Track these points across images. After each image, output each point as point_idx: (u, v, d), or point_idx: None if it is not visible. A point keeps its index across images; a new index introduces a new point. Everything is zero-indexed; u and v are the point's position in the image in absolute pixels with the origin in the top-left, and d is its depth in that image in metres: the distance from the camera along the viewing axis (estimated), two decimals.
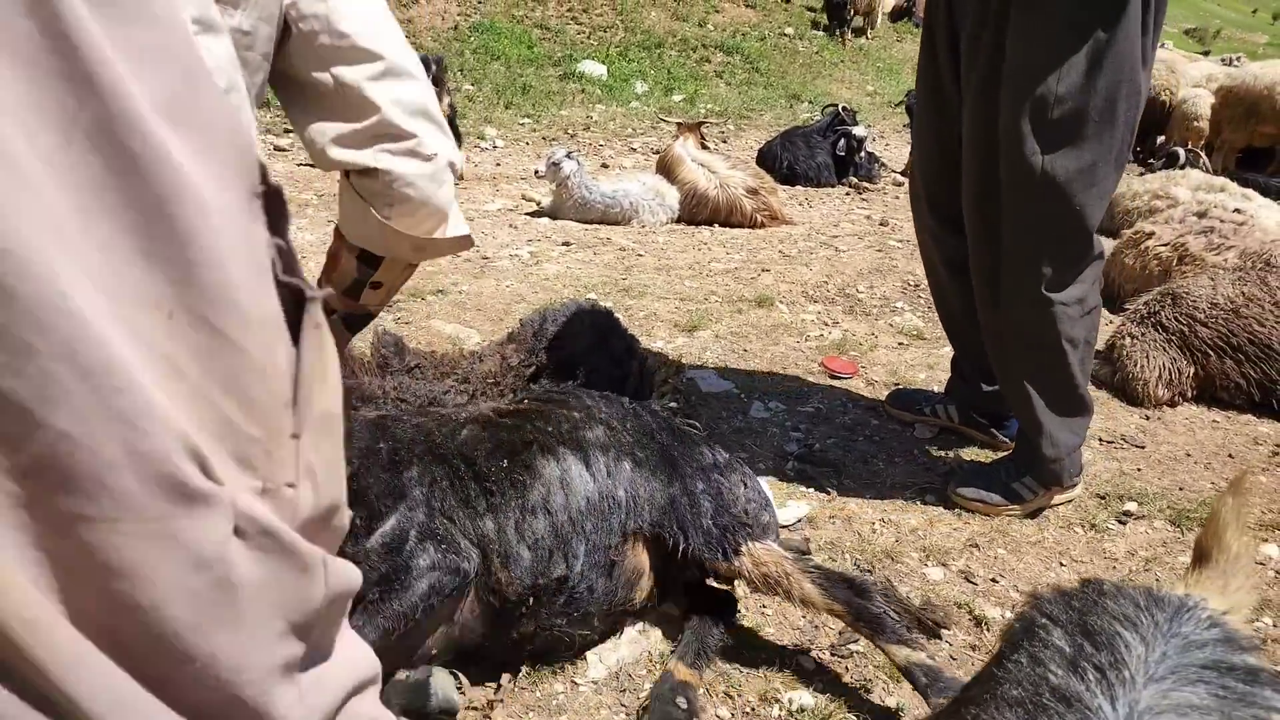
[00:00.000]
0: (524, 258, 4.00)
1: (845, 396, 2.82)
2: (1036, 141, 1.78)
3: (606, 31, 10.51)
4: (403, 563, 1.37)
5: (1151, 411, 2.78)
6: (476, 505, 1.48)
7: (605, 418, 1.69)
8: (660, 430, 1.74)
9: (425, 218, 1.07)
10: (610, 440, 1.64)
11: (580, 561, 1.51)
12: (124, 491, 0.43)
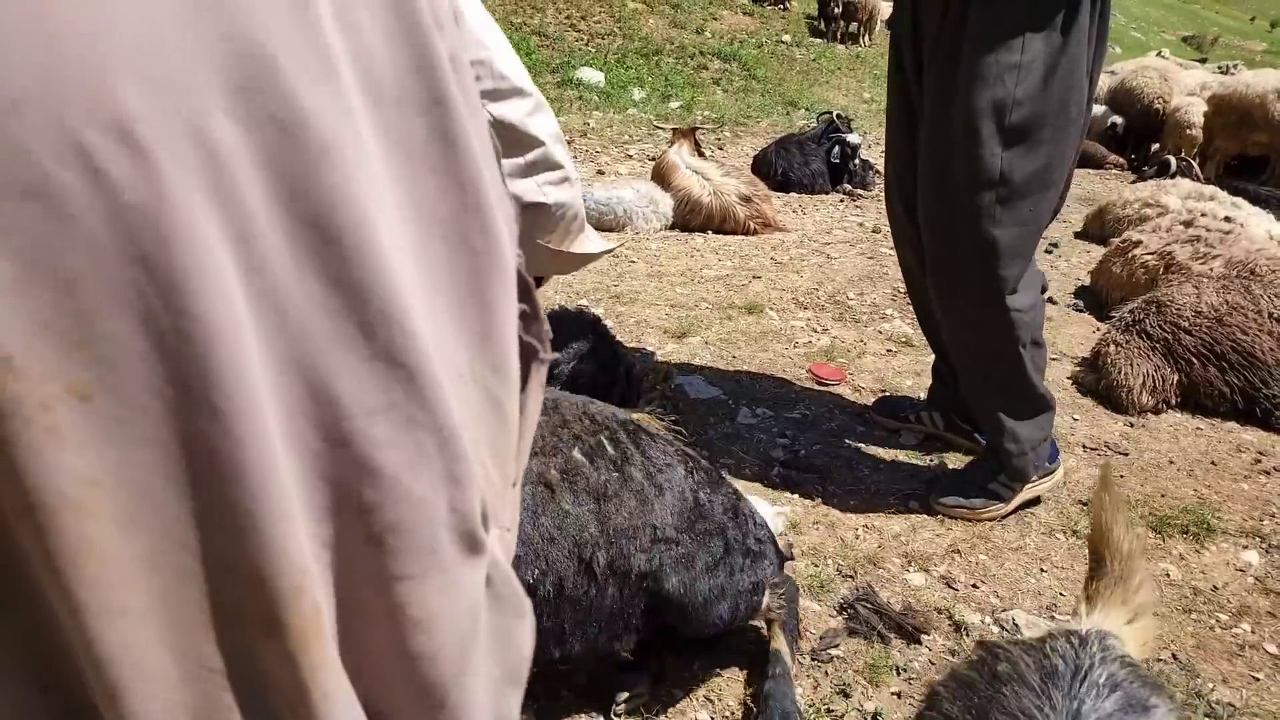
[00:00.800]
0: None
1: (832, 403, 2.84)
2: (996, 143, 1.81)
3: (605, 39, 10.56)
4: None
5: (1136, 418, 2.80)
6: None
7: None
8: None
9: (575, 234, 1.16)
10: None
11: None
12: (441, 548, 0.46)
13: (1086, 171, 7.56)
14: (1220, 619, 1.92)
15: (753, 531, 1.58)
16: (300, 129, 0.39)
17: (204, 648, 0.40)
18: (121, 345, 0.35)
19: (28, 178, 0.31)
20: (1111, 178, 7.52)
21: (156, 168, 0.34)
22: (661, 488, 1.45)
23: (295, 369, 0.40)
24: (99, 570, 0.36)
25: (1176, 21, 36.67)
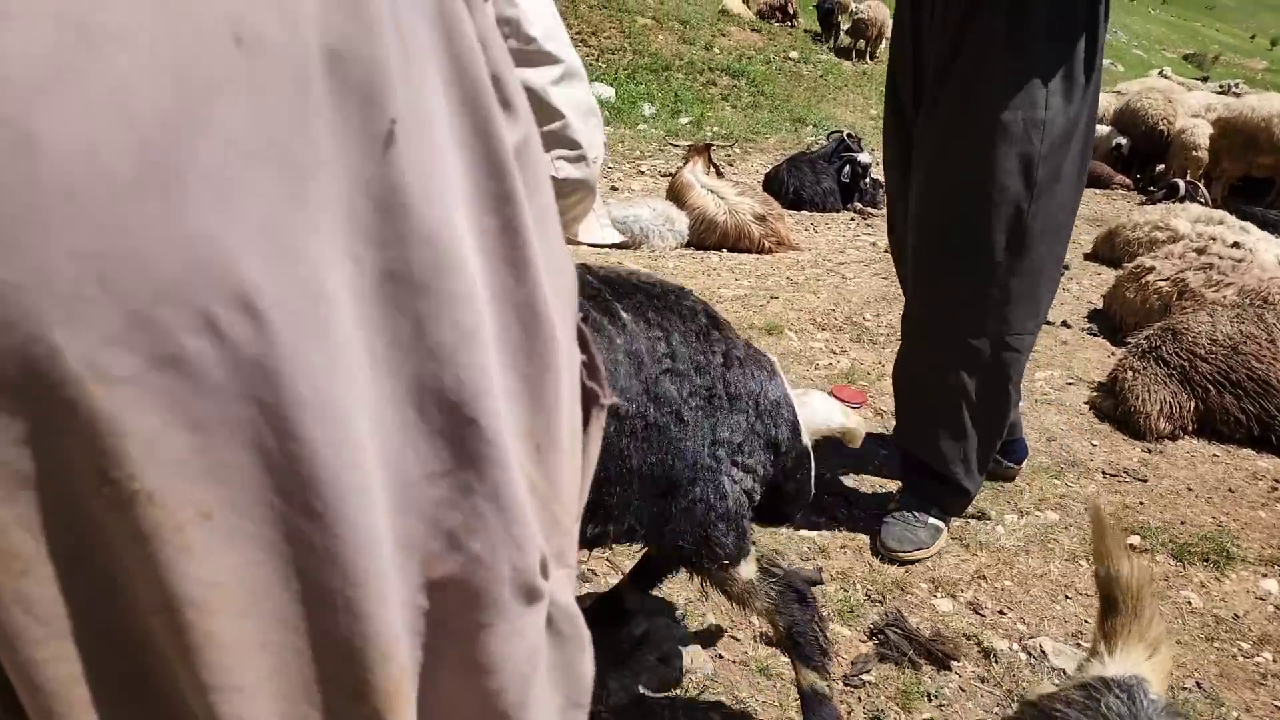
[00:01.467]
0: None
1: None
2: (1025, 199, 1.84)
3: (615, 54, 10.65)
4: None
5: (1153, 445, 2.84)
6: None
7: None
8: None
9: (581, 218, 1.12)
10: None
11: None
12: (504, 601, 0.52)
13: (1094, 192, 7.63)
14: (1242, 647, 1.96)
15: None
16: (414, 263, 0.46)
17: (308, 712, 0.47)
18: (238, 469, 0.42)
19: (167, 349, 0.39)
20: (1119, 198, 7.59)
21: (269, 325, 0.41)
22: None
23: (389, 468, 0.47)
24: (219, 656, 0.43)
25: (1178, 39, 36.89)
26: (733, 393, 1.41)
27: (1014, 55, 1.77)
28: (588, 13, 11.19)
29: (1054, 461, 2.72)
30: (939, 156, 1.91)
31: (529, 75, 0.97)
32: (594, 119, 1.07)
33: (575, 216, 1.14)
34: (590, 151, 1.06)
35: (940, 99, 1.87)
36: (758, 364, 1.48)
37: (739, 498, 1.43)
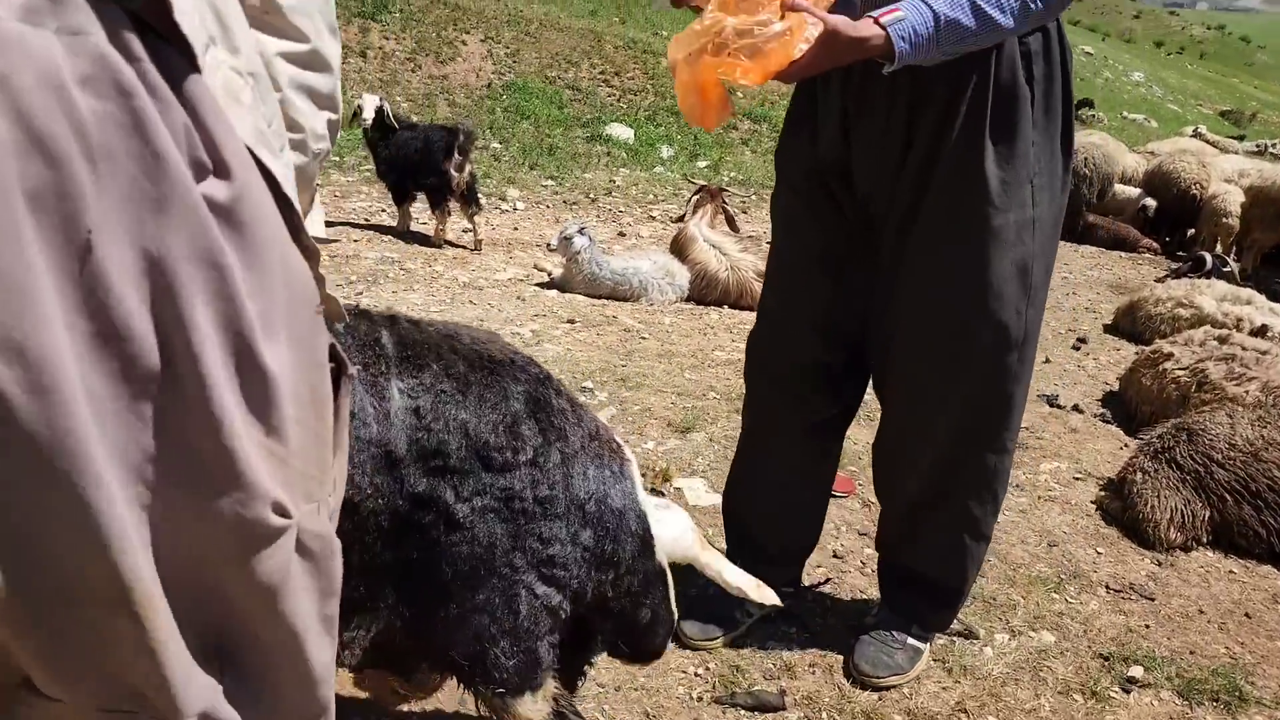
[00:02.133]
0: (525, 336, 3.93)
1: (839, 519, 2.69)
2: (1023, 303, 1.73)
3: (636, 95, 10.61)
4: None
5: (1164, 556, 2.62)
6: None
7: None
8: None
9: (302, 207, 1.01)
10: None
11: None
12: (247, 536, 0.69)
13: (1119, 255, 7.41)
14: None
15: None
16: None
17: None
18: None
19: None
20: (1144, 262, 7.36)
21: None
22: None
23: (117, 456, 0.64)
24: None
25: (1215, 95, 36.60)
26: (544, 495, 1.22)
27: (1001, 157, 1.63)
28: (612, 53, 11.19)
29: (1054, 570, 2.51)
30: (925, 267, 1.74)
31: (263, 41, 0.87)
32: (326, 113, 0.94)
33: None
34: (311, 140, 0.92)
35: (921, 206, 1.70)
36: (599, 463, 1.29)
37: (537, 615, 1.23)
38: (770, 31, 1.27)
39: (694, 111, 1.37)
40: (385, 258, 4.88)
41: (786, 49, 1.27)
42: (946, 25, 1.40)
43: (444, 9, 10.27)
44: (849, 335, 1.93)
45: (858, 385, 2.06)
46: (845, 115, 1.72)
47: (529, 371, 1.29)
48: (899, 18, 1.38)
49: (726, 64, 1.27)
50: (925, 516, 1.98)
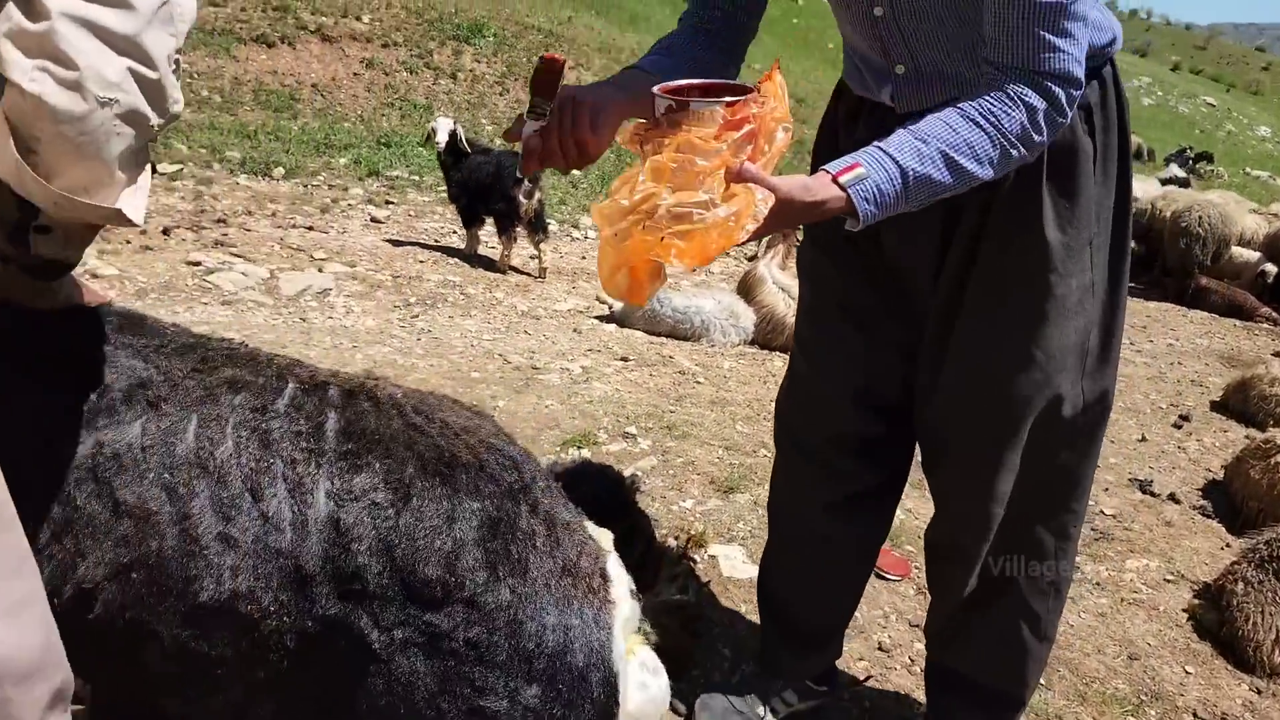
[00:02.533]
0: (575, 373, 3.78)
1: (889, 605, 2.42)
2: (1080, 370, 1.56)
3: None
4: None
5: (1265, 683, 2.27)
6: None
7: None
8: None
9: (74, 171, 0.82)
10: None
11: None
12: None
13: (1232, 323, 6.84)
14: None
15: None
16: None
17: None
18: None
19: None
20: (1261, 333, 6.77)
21: None
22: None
23: None
24: None
25: None
26: (479, 639, 1.02)
27: (1063, 219, 1.43)
28: None
29: (1133, 689, 2.19)
30: (979, 340, 1.52)
31: None
32: (125, 60, 0.77)
33: (70, 165, 0.80)
34: (92, 84, 0.75)
35: (970, 275, 1.48)
36: (564, 607, 1.07)
37: None
38: (712, 217, 1.06)
39: (620, 289, 1.15)
40: (447, 281, 4.82)
41: (730, 235, 1.07)
42: (916, 181, 1.19)
43: (537, 34, 10.37)
44: (889, 405, 1.72)
45: (904, 453, 1.83)
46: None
47: (500, 480, 1.10)
48: (859, 176, 1.17)
49: (660, 247, 1.06)
50: (979, 610, 1.75)
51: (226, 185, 5.79)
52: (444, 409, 1.19)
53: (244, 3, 8.71)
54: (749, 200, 1.08)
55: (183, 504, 1.02)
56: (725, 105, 1.10)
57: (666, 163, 1.08)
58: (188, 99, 7.40)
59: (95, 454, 1.04)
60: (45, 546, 1.05)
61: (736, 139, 1.10)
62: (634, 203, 1.07)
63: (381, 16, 9.47)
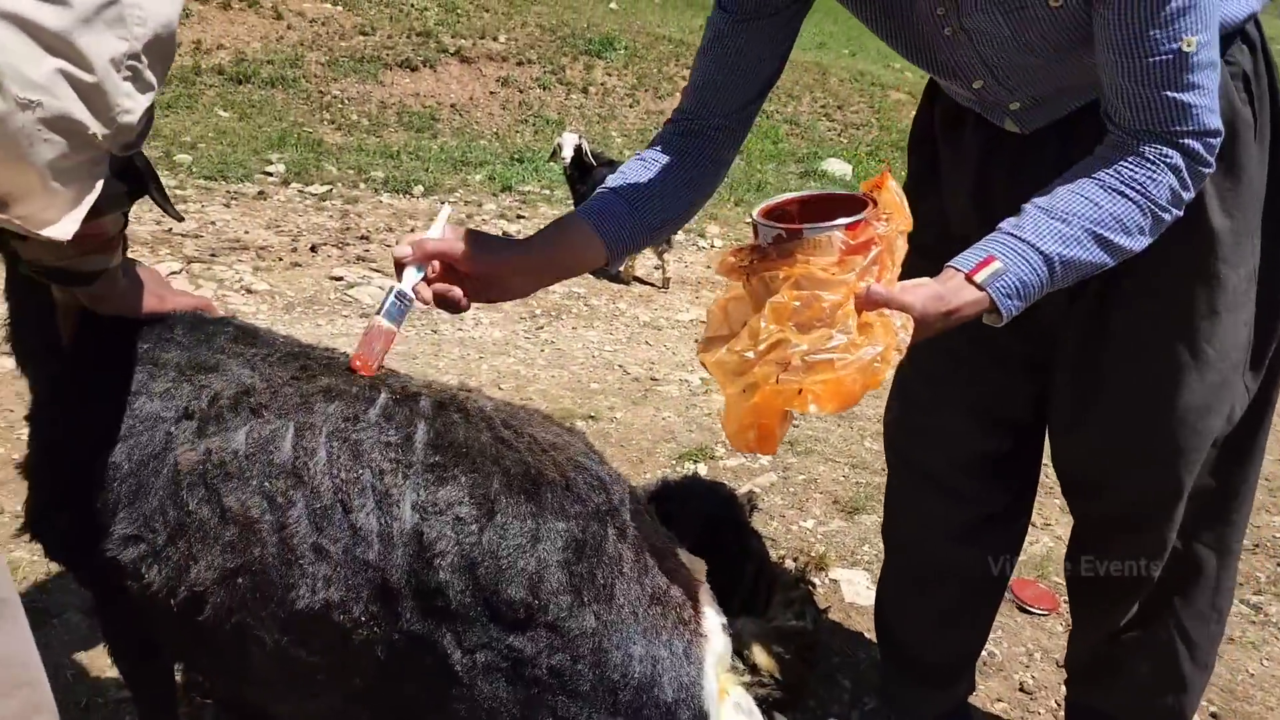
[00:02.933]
0: (694, 385, 3.70)
1: (1033, 641, 2.21)
2: (1247, 366, 1.40)
3: (859, 129, 10.17)
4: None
5: None
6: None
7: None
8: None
9: (24, 186, 0.74)
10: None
11: None
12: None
13: None
14: None
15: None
16: None
17: None
18: None
19: None
20: None
21: None
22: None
23: None
24: None
25: None
26: (562, 667, 0.97)
27: (1227, 203, 1.27)
28: (837, 86, 10.83)
29: None
30: (1134, 340, 1.35)
31: None
32: (56, 60, 0.69)
33: (20, 185, 0.73)
34: (14, 85, 0.67)
35: (1117, 282, 1.30)
36: (652, 638, 1.00)
37: None
38: (856, 359, 0.92)
39: (750, 444, 1.03)
40: (572, 292, 4.86)
41: (875, 375, 0.93)
42: (1063, 266, 1.05)
43: (668, 45, 10.40)
44: (1016, 420, 1.55)
45: (1033, 470, 1.66)
46: (984, 190, 1.38)
47: (587, 501, 1.04)
48: (997, 272, 1.03)
49: (797, 399, 0.94)
50: (1131, 640, 1.57)
51: (370, 204, 6.08)
52: (534, 424, 1.15)
53: (391, 30, 9.17)
54: (888, 330, 0.94)
55: (281, 513, 1.02)
56: (845, 229, 0.97)
57: (789, 302, 0.95)
58: (339, 124, 7.85)
59: (205, 460, 1.06)
60: (163, 548, 1.08)
61: (864, 265, 0.97)
62: (760, 354, 0.95)
63: (517, 35, 9.75)
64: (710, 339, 1.06)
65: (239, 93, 7.79)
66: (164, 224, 5.00)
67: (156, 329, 1.20)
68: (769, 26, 1.25)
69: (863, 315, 0.95)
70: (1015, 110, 1.29)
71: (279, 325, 3.84)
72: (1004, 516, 1.67)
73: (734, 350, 0.96)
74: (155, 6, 0.72)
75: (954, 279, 1.02)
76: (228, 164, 6.22)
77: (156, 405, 1.12)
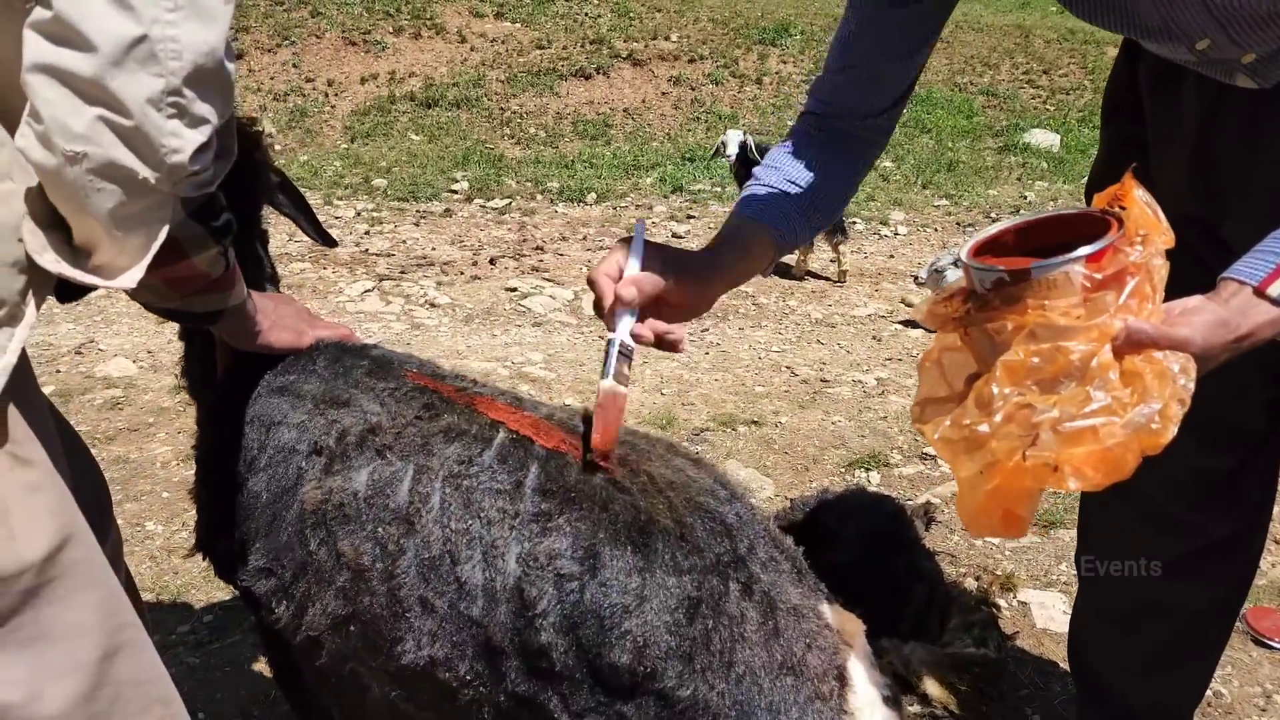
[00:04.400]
0: (869, 385, 3.47)
1: (1272, 680, 1.86)
2: None
3: (1069, 94, 9.27)
4: None
5: None
6: None
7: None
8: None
9: (75, 227, 0.77)
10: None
11: None
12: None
13: None
14: None
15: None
16: None
17: None
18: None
19: None
20: None
21: None
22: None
23: None
24: None
25: None
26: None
27: None
28: (1042, 49, 9.93)
29: None
30: None
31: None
32: (95, 109, 0.68)
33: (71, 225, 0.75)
34: (59, 136, 0.66)
35: None
36: (779, 713, 0.86)
37: None
38: (1128, 422, 0.73)
39: (993, 528, 0.83)
40: (739, 291, 4.73)
41: (1156, 437, 0.73)
42: None
43: None
44: (1244, 431, 1.28)
45: (1266, 489, 1.37)
46: (1208, 158, 1.12)
47: (705, 551, 0.92)
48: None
49: (1055, 477, 0.75)
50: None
51: (546, 214, 6.25)
52: (654, 457, 1.05)
53: (566, 41, 9.42)
54: (1163, 378, 0.74)
55: (391, 561, 0.99)
56: (1086, 260, 0.77)
57: (1025, 360, 0.77)
58: (518, 138, 8.16)
59: (327, 499, 1.05)
60: (289, 585, 1.09)
61: (1120, 302, 0.76)
62: (997, 426, 0.76)
63: (689, 33, 9.71)
64: (925, 400, 0.88)
65: (428, 116, 8.28)
66: (361, 245, 5.39)
67: (301, 360, 1.21)
68: (928, 6, 1.09)
69: (1124, 362, 0.75)
70: (1250, 64, 1.04)
71: (458, 337, 4.01)
72: (1231, 542, 1.39)
73: (960, 424, 0.79)
74: (191, 37, 0.69)
75: (1238, 295, 0.80)
76: (418, 185, 6.62)
77: (292, 436, 1.13)
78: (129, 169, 0.71)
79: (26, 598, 0.77)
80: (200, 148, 0.74)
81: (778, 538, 1.02)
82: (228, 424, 1.20)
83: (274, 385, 1.19)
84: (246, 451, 1.17)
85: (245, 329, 1.16)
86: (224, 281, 1.02)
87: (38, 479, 0.80)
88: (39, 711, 0.79)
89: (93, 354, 3.59)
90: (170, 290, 0.97)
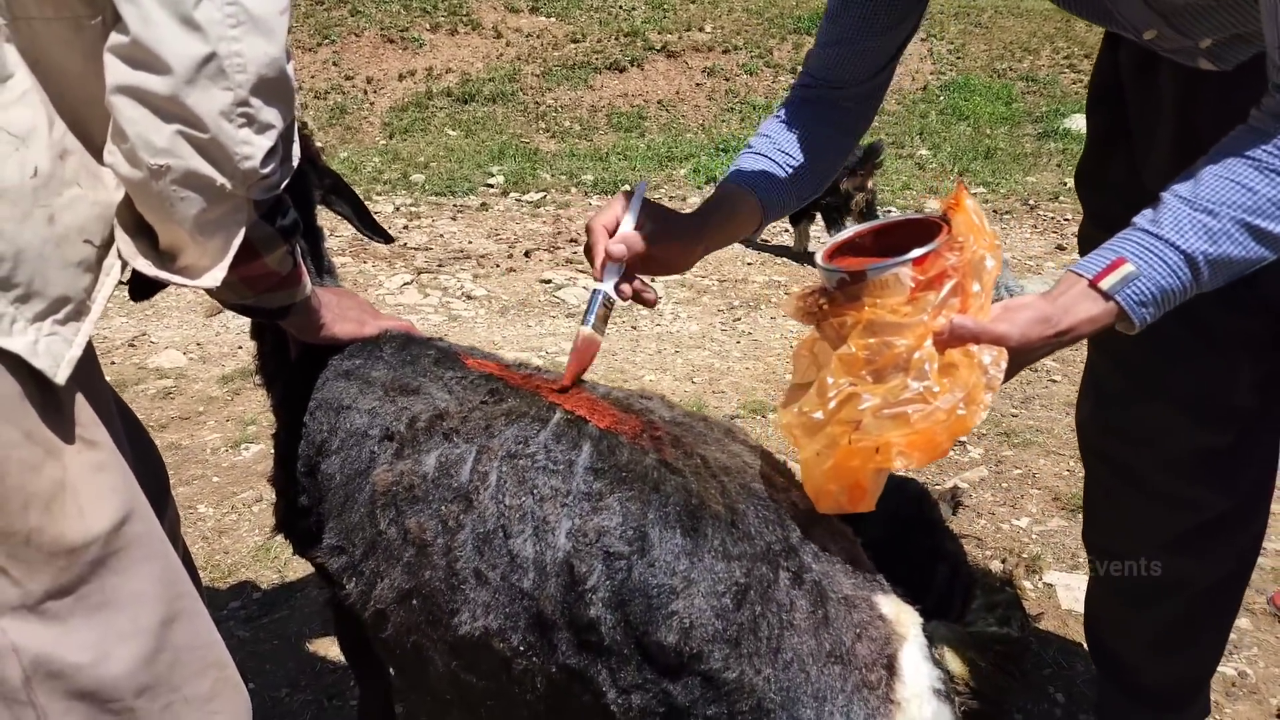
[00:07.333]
0: None
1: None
2: None
3: None
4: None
5: None
6: None
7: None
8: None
9: (163, 233, 0.84)
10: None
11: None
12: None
13: None
14: None
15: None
16: None
17: None
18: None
19: None
20: None
21: None
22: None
23: None
24: None
25: None
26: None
27: None
28: (1084, 33, 9.76)
29: None
30: None
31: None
32: (174, 125, 0.75)
33: (166, 235, 0.83)
34: (144, 151, 0.73)
35: None
36: (825, 703, 0.89)
37: None
38: (937, 409, 0.83)
39: (839, 503, 0.94)
40: (772, 281, 4.75)
41: (963, 422, 0.83)
42: (1210, 266, 0.86)
43: None
44: (1237, 409, 1.30)
45: (1265, 465, 1.39)
46: (1189, 139, 1.14)
47: (756, 538, 0.95)
48: (1128, 276, 0.85)
49: (877, 457, 0.86)
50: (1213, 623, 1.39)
51: (580, 207, 6.31)
52: (709, 441, 1.08)
53: (600, 34, 9.47)
54: (974, 368, 0.84)
55: (450, 536, 1.03)
56: (913, 263, 0.87)
57: (857, 352, 0.87)
58: (553, 132, 8.23)
59: (398, 481, 1.10)
60: (359, 563, 1.14)
61: (937, 301, 0.86)
62: (830, 412, 0.87)
63: (723, 23, 9.71)
64: (795, 387, 0.97)
65: (465, 112, 8.39)
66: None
67: (367, 346, 1.27)
68: None
69: (946, 355, 0.85)
70: (1208, 48, 1.07)
71: (494, 328, 4.09)
72: (1235, 517, 1.41)
73: (803, 411, 0.90)
74: (254, 50, 0.75)
75: (1073, 289, 0.87)
76: (455, 179, 6.72)
77: (364, 422, 1.18)
78: (208, 177, 0.78)
79: (94, 568, 0.85)
80: (269, 152, 0.80)
81: (837, 528, 1.03)
82: (299, 412, 1.26)
83: (340, 369, 1.25)
84: (318, 435, 1.23)
85: (311, 322, 1.23)
86: (291, 278, 1.08)
87: (103, 459, 0.88)
88: (106, 671, 0.86)
89: (145, 346, 3.73)
90: (245, 288, 1.03)
